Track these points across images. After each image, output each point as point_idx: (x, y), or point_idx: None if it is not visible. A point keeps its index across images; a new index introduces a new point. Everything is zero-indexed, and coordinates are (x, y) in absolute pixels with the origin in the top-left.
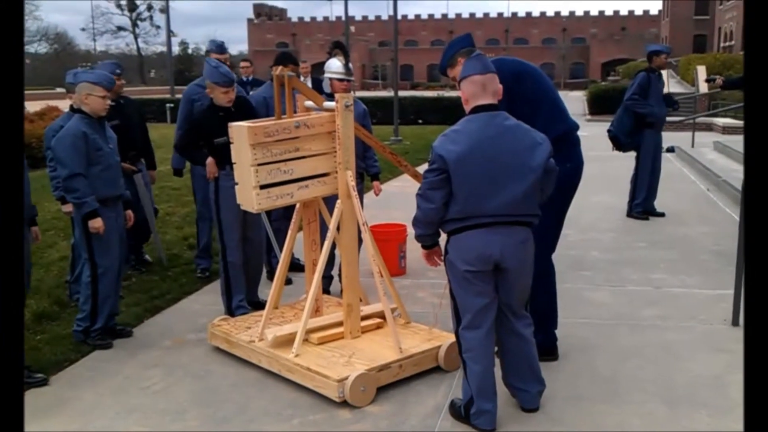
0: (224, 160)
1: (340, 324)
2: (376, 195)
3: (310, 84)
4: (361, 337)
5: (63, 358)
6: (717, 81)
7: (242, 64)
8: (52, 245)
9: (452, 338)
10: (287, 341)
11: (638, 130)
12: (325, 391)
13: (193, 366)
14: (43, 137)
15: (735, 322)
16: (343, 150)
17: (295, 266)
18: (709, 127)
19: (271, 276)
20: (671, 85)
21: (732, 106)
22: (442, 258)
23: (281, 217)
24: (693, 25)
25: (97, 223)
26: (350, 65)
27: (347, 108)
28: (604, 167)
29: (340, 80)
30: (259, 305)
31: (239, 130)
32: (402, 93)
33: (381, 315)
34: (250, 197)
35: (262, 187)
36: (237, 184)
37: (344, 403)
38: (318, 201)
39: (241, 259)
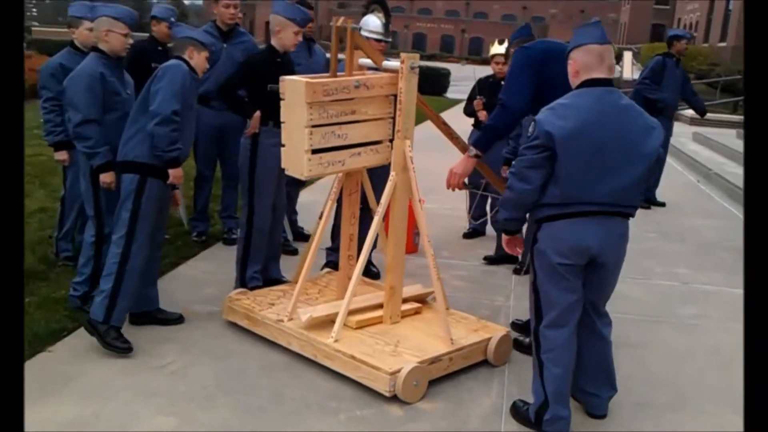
0: (269, 115)
1: (378, 307)
2: None
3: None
4: (400, 322)
5: (59, 327)
6: None
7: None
8: (29, 194)
9: (502, 330)
10: (320, 322)
11: None
12: (372, 384)
13: (209, 344)
14: (37, 75)
15: None
16: (404, 116)
17: (300, 236)
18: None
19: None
20: (633, 71)
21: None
22: (530, 246)
23: (291, 182)
24: (652, 13)
25: (108, 178)
26: (390, 25)
27: (412, 70)
28: None
29: (378, 41)
30: (273, 281)
31: (295, 85)
32: None
33: (417, 299)
34: (299, 162)
35: (314, 151)
36: (284, 145)
37: (393, 398)
38: (362, 171)
39: (269, 226)
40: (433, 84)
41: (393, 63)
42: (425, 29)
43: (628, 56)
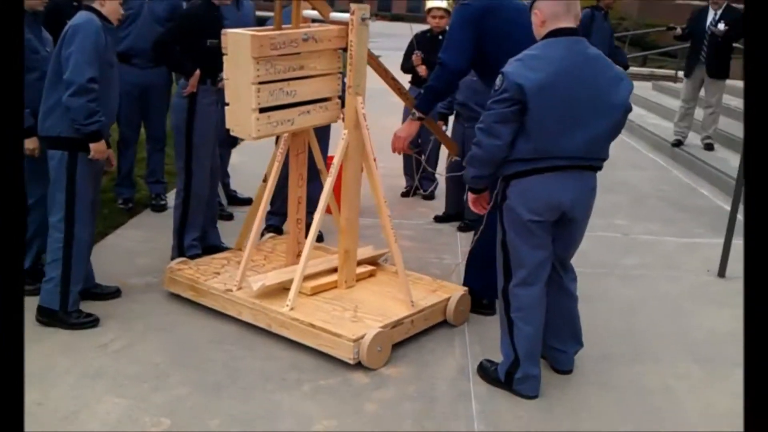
0: (207, 72)
1: (332, 271)
2: None
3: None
4: (355, 286)
5: None
6: (677, 30)
7: None
8: None
9: (460, 290)
10: (271, 291)
11: None
12: (334, 352)
13: (152, 318)
14: None
15: (721, 274)
16: (355, 71)
17: (234, 200)
18: None
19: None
20: None
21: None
22: (497, 204)
23: (222, 143)
24: None
25: (31, 144)
26: None
27: (363, 22)
28: None
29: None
30: (213, 248)
31: (240, 39)
32: None
33: (370, 261)
34: (246, 122)
35: (262, 110)
36: (228, 104)
37: (356, 365)
38: (309, 130)
39: (208, 191)
40: None
41: (341, 15)
42: None
43: None
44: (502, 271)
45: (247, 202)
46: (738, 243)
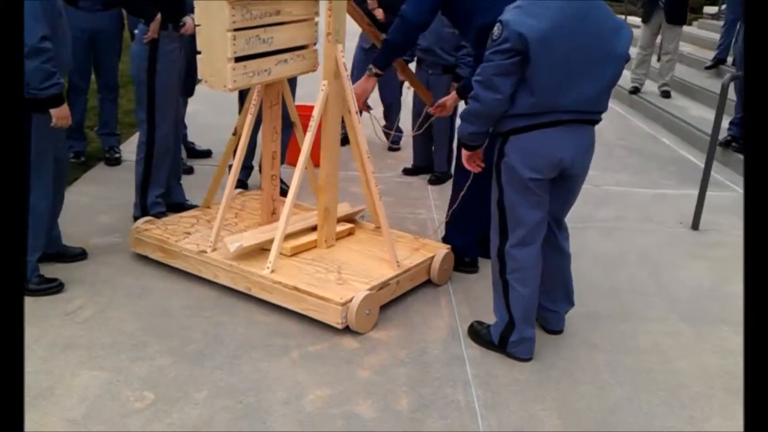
0: (168, 17)
1: (310, 230)
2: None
3: None
4: (335, 245)
5: None
6: None
7: None
8: None
9: (443, 248)
10: (247, 252)
11: None
12: (321, 316)
13: (121, 281)
14: None
15: (695, 227)
16: (335, 17)
17: (192, 152)
18: None
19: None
20: None
21: None
22: (494, 161)
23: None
24: None
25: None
26: None
27: None
28: None
29: None
30: (177, 206)
31: None
32: None
33: (347, 219)
34: (221, 72)
35: (238, 59)
36: (200, 53)
37: (344, 329)
38: (283, 80)
39: (173, 144)
40: None
41: None
42: None
43: None
44: (497, 231)
45: (206, 154)
46: (709, 194)
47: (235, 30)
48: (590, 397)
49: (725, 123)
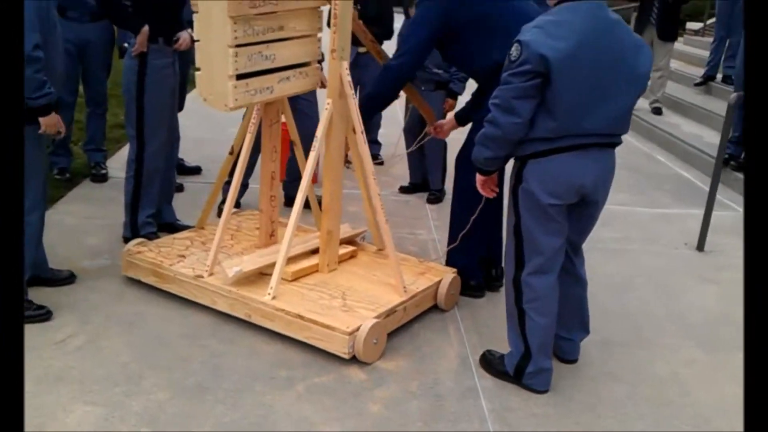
0: (158, 30)
1: (311, 254)
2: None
3: None
4: (337, 269)
5: None
6: None
7: None
8: None
9: (450, 272)
10: (246, 276)
11: None
12: (326, 346)
13: (112, 308)
14: None
15: (700, 248)
16: (340, 33)
17: (181, 168)
18: None
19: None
20: None
21: None
22: (513, 186)
23: None
24: None
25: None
26: None
27: None
28: None
29: None
30: (167, 226)
31: None
32: None
33: (348, 241)
34: (221, 90)
35: (239, 77)
36: (199, 69)
37: (351, 360)
38: (283, 99)
39: (164, 164)
40: None
41: None
42: None
43: None
44: (513, 259)
45: (196, 170)
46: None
47: (237, 46)
48: None
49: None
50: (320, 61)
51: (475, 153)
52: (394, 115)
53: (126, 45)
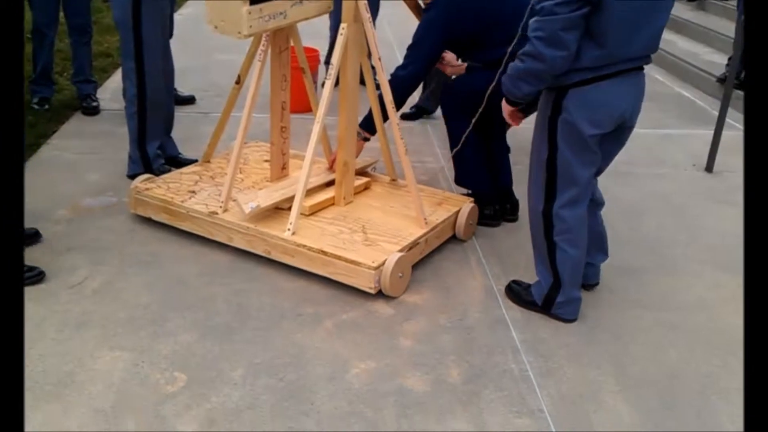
0: None
1: (326, 186)
2: None
3: None
4: (354, 202)
5: None
6: None
7: None
8: None
9: (467, 202)
10: (262, 211)
11: None
12: (352, 281)
13: (125, 248)
14: None
15: (709, 169)
16: None
17: (176, 99)
18: None
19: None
20: None
21: None
22: (548, 117)
23: None
24: None
25: None
26: None
27: None
28: None
29: None
30: (171, 160)
31: None
32: None
33: (361, 171)
34: (235, 16)
35: (253, 1)
36: None
37: (376, 294)
38: (293, 25)
39: (165, 92)
40: None
41: None
42: None
43: None
44: (543, 191)
45: (190, 100)
46: (712, 134)
47: None
48: (645, 361)
49: (722, 59)
50: None
51: (511, 88)
52: None
53: None
